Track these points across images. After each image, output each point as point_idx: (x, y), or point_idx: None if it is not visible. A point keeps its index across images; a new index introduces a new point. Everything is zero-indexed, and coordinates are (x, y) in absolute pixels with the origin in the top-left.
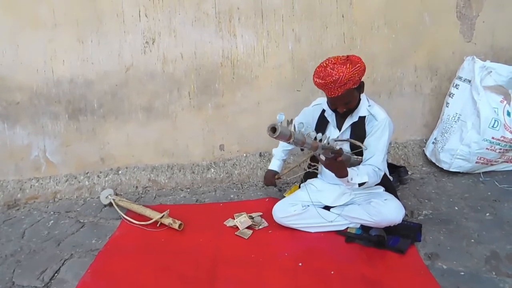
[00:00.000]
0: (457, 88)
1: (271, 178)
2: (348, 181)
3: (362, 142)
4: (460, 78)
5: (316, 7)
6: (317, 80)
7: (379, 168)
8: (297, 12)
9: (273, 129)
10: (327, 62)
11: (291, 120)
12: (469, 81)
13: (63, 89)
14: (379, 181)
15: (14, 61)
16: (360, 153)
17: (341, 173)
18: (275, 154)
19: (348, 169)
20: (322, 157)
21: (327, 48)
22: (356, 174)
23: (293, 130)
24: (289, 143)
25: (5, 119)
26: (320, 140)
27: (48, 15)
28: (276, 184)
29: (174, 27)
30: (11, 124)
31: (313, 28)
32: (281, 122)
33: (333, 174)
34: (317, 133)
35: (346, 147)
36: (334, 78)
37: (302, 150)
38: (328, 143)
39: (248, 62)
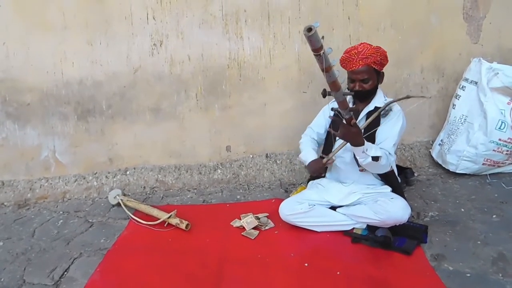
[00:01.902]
0: (463, 90)
1: (319, 163)
2: (363, 152)
3: (375, 131)
4: (466, 79)
5: (322, 8)
6: (343, 55)
7: (390, 153)
8: (303, 14)
9: (309, 29)
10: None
11: (323, 37)
12: (476, 83)
13: (72, 90)
14: (389, 167)
15: (24, 63)
16: (373, 141)
17: (357, 141)
18: (304, 150)
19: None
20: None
21: (334, 49)
22: (371, 147)
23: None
24: (317, 54)
25: (16, 120)
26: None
27: (58, 18)
28: (325, 172)
29: (181, 29)
30: (22, 124)
31: (320, 30)
32: (316, 28)
33: (342, 169)
34: (332, 126)
35: None
36: (358, 50)
37: (324, 95)
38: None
39: (255, 63)
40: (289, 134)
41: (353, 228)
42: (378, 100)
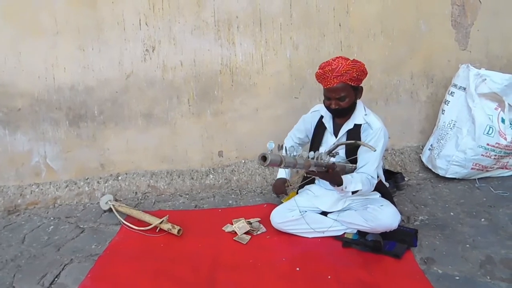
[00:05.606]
0: (452, 95)
1: (281, 185)
2: (342, 189)
3: (356, 150)
4: (455, 85)
5: (313, 15)
6: (318, 70)
7: (372, 176)
8: (295, 21)
9: (264, 158)
10: (332, 58)
11: (282, 146)
12: (464, 89)
13: (64, 96)
14: (372, 189)
15: (16, 68)
16: (355, 161)
17: (335, 182)
18: None
19: (343, 176)
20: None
21: (325, 55)
22: (350, 182)
23: (283, 155)
24: (280, 168)
25: (6, 125)
26: (313, 158)
27: (50, 23)
28: (287, 192)
29: (174, 35)
30: (12, 130)
31: (311, 36)
32: (271, 150)
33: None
34: (314, 140)
35: (341, 154)
36: (332, 67)
37: (297, 171)
38: (321, 159)
39: (247, 69)
40: (281, 139)
41: (344, 233)
42: (358, 116)
